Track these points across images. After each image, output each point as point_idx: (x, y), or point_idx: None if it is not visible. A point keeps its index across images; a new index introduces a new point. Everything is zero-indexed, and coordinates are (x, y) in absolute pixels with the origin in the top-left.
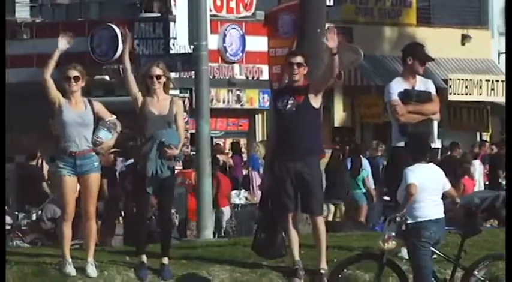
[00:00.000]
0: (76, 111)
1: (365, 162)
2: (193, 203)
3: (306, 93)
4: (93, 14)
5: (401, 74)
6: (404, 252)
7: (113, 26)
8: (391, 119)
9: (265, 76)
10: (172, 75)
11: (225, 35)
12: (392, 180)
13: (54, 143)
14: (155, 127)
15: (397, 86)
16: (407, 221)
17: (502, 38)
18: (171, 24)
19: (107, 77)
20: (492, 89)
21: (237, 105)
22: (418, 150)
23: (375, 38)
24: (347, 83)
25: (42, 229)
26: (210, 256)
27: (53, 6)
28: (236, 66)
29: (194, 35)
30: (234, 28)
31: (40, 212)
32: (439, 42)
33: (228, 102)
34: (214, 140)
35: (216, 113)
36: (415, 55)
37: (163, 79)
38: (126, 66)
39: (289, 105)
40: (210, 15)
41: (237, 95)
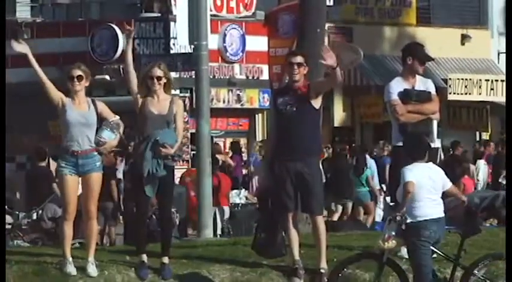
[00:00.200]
0: (79, 111)
1: (371, 161)
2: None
3: (306, 94)
4: (94, 14)
5: (401, 73)
6: (404, 252)
7: (113, 26)
8: (391, 119)
9: (265, 76)
10: (172, 75)
11: (225, 35)
12: (393, 180)
13: (54, 143)
14: (153, 127)
15: (396, 85)
16: (407, 220)
17: (501, 38)
18: (171, 24)
19: (107, 76)
20: (492, 88)
21: (237, 105)
22: (415, 149)
23: (375, 38)
24: (347, 83)
25: (42, 228)
26: (210, 255)
27: (53, 6)
28: (236, 66)
29: (194, 34)
30: (234, 28)
31: (41, 212)
32: (439, 42)
33: (228, 102)
34: (215, 140)
35: (216, 112)
36: (415, 55)
37: (163, 80)
38: (128, 62)
39: (289, 105)
40: (210, 15)
41: (237, 95)
